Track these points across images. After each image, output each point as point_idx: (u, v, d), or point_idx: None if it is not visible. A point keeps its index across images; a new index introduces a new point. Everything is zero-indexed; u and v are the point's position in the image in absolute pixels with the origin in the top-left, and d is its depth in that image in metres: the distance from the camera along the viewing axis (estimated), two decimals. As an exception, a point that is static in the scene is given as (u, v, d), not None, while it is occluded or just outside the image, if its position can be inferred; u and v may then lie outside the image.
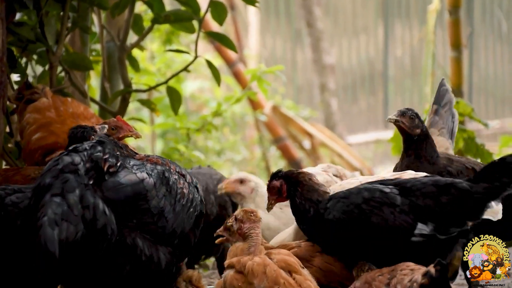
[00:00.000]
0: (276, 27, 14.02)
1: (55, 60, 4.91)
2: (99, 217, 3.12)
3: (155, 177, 3.34)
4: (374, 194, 3.47)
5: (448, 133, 4.22)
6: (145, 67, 8.00)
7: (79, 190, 3.11)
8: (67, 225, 3.02)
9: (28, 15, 5.17)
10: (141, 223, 3.26)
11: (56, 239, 2.98)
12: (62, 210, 3.04)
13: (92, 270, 3.22)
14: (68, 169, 3.14)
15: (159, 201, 3.31)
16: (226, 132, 11.73)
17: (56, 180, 3.10)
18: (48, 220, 3.00)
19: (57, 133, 4.36)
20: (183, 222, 3.39)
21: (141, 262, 3.26)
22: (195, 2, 5.15)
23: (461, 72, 7.39)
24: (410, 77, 13.78)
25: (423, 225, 3.38)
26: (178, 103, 5.41)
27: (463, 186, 3.40)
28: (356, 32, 14.03)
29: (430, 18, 8.12)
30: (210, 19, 5.51)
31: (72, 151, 3.22)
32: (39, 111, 4.45)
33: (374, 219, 3.43)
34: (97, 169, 3.22)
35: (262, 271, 3.27)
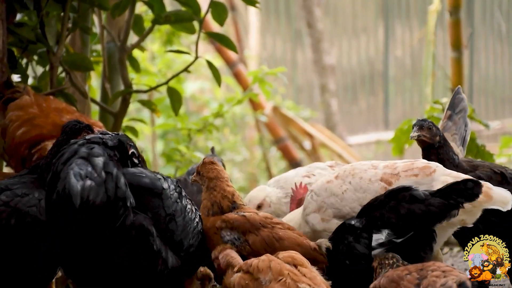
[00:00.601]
0: (276, 27, 14.02)
1: (55, 61, 4.91)
2: (120, 185, 3.14)
3: (169, 182, 3.41)
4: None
5: (460, 140, 4.26)
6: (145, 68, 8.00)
7: (104, 158, 3.14)
8: (91, 183, 3.03)
9: (28, 15, 5.17)
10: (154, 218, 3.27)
11: (79, 190, 2.99)
12: (86, 169, 3.05)
13: (104, 249, 3.19)
14: (96, 140, 3.21)
15: (171, 203, 3.35)
16: (227, 132, 11.73)
17: (82, 147, 3.14)
18: (73, 172, 3.02)
19: (41, 125, 4.38)
20: (188, 236, 3.41)
21: (152, 252, 3.24)
22: (195, 3, 5.15)
23: (462, 73, 7.39)
24: (411, 78, 13.77)
25: (377, 234, 3.49)
26: (179, 104, 5.41)
27: (417, 193, 3.49)
28: (356, 33, 14.02)
29: (430, 19, 8.12)
30: (210, 19, 5.51)
31: (100, 133, 3.32)
32: (21, 108, 4.46)
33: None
34: (122, 151, 3.28)
35: (267, 266, 3.28)
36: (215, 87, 10.85)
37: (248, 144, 12.37)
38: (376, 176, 3.73)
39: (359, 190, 3.73)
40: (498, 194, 3.52)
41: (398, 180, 3.68)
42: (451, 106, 4.33)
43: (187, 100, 11.67)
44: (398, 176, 3.70)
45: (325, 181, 3.84)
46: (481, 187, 3.44)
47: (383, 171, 3.73)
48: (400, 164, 3.75)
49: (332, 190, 3.78)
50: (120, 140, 3.31)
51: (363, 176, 3.74)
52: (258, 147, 11.97)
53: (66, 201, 3.00)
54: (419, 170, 3.69)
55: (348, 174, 3.78)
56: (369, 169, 3.76)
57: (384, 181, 3.70)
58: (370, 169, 3.76)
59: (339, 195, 3.76)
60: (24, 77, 5.09)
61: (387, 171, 3.73)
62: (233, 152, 11.64)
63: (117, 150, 3.27)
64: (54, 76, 4.94)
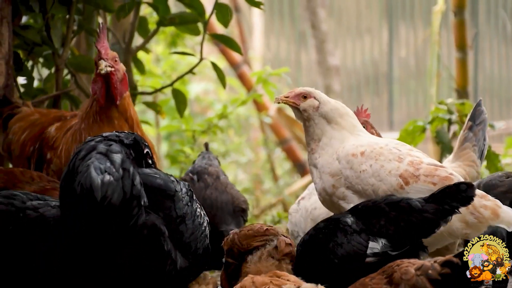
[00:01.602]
0: (280, 28, 14.03)
1: (61, 63, 4.92)
2: (136, 183, 3.14)
3: (182, 185, 3.42)
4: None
5: (478, 152, 4.25)
6: (150, 70, 8.02)
7: (122, 155, 3.16)
8: (110, 178, 3.04)
9: (34, 18, 5.19)
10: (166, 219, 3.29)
11: (100, 183, 3.01)
12: (106, 164, 3.07)
13: (115, 247, 3.20)
14: (113, 138, 3.23)
15: (183, 206, 3.36)
16: (231, 134, 11.73)
17: (100, 143, 3.16)
18: (93, 166, 3.03)
19: (43, 122, 4.40)
20: (197, 240, 3.42)
21: (162, 252, 3.25)
22: (200, 5, 5.16)
23: (467, 73, 7.38)
24: (415, 78, 13.76)
25: (373, 242, 3.47)
26: (184, 105, 5.42)
27: (414, 203, 3.46)
28: (360, 34, 14.02)
29: (435, 19, 8.12)
30: (215, 21, 5.52)
31: (115, 131, 3.33)
32: (22, 119, 4.49)
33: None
34: (137, 150, 3.30)
35: (250, 281, 3.34)
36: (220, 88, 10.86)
37: (252, 145, 12.37)
38: (398, 170, 3.69)
39: (376, 177, 3.70)
40: (506, 213, 3.52)
41: (416, 182, 3.65)
42: (472, 117, 4.31)
43: (191, 102, 11.68)
44: (417, 178, 3.67)
45: (351, 151, 3.78)
46: (475, 189, 3.41)
47: (405, 168, 3.69)
48: (424, 166, 3.70)
49: (352, 164, 3.74)
50: (135, 139, 3.33)
51: (385, 165, 3.71)
52: (263, 148, 11.97)
53: (87, 194, 3.00)
54: (439, 180, 3.65)
55: (373, 156, 3.73)
56: (393, 160, 3.71)
57: (403, 178, 3.67)
58: (394, 161, 3.71)
59: (356, 173, 3.73)
60: (29, 79, 5.10)
61: (409, 169, 3.69)
62: (237, 153, 11.64)
63: (133, 148, 3.29)
64: (60, 78, 4.95)
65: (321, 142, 3.87)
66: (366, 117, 4.25)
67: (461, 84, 7.32)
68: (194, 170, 4.85)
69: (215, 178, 4.79)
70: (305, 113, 3.91)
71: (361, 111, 4.29)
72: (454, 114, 6.11)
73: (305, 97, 3.93)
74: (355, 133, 3.88)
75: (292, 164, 10.59)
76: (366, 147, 3.77)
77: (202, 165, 4.88)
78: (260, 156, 12.21)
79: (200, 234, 3.44)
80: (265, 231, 3.62)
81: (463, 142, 4.25)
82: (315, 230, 3.66)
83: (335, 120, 3.88)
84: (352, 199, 3.75)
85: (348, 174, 3.75)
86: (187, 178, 4.77)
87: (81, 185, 3.01)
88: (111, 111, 4.14)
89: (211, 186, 4.72)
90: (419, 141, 5.99)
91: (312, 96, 3.93)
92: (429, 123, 6.03)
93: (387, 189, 3.67)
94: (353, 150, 3.77)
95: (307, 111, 3.90)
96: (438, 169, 3.70)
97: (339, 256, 3.52)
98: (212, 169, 4.85)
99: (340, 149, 3.80)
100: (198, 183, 4.74)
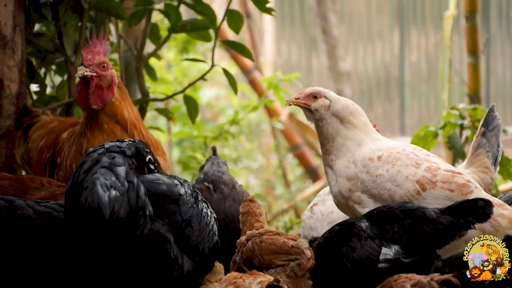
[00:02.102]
0: (291, 34, 14.03)
1: (73, 70, 4.93)
2: (141, 194, 3.16)
3: (186, 187, 3.42)
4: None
5: (492, 158, 4.21)
6: (162, 76, 8.03)
7: (125, 167, 3.17)
8: (116, 193, 3.05)
9: (46, 26, 5.22)
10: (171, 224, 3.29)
11: (107, 201, 3.01)
12: (111, 179, 3.07)
13: (121, 257, 3.21)
14: (115, 149, 3.23)
15: (188, 209, 3.36)
16: (243, 139, 11.74)
17: (103, 156, 3.16)
18: (100, 183, 3.03)
19: (59, 128, 4.42)
20: (204, 240, 3.42)
21: (169, 259, 3.26)
22: (211, 11, 5.17)
23: (479, 78, 7.35)
24: (427, 83, 13.73)
25: (386, 248, 3.47)
26: (195, 112, 5.43)
27: (429, 213, 3.47)
28: (371, 38, 14.01)
29: (446, 24, 8.10)
30: (226, 27, 5.53)
31: (117, 141, 3.33)
32: (41, 127, 4.51)
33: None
34: (139, 158, 3.31)
35: (225, 278, 3.49)
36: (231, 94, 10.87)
37: (264, 151, 12.37)
38: (415, 176, 3.68)
39: (393, 182, 3.69)
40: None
41: (433, 189, 3.63)
42: (485, 123, 4.27)
43: (203, 108, 11.69)
44: (434, 184, 3.66)
45: (368, 155, 3.77)
46: (492, 207, 3.40)
47: (422, 174, 3.68)
48: (442, 172, 3.69)
49: (369, 168, 3.74)
50: (137, 148, 3.33)
51: (402, 170, 3.69)
52: (274, 154, 11.96)
53: (95, 213, 3.00)
54: (457, 187, 3.64)
55: (390, 161, 3.72)
56: (410, 166, 3.70)
57: (420, 184, 3.66)
58: (412, 166, 3.70)
59: (373, 177, 3.72)
60: (42, 86, 5.13)
61: (426, 175, 3.67)
62: (249, 159, 11.64)
63: (135, 157, 3.30)
64: (72, 85, 4.97)
65: (336, 143, 3.85)
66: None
67: (473, 89, 7.30)
68: (209, 179, 4.81)
69: (231, 187, 4.76)
70: (317, 113, 3.88)
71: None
72: (466, 119, 6.09)
73: (316, 97, 3.90)
74: (369, 134, 3.87)
75: (304, 169, 10.58)
76: (383, 152, 3.76)
77: (215, 173, 4.85)
78: (271, 162, 12.20)
79: (207, 234, 3.44)
80: (290, 249, 3.59)
81: (476, 148, 4.22)
82: (330, 233, 3.68)
83: (347, 119, 3.85)
84: (367, 203, 3.74)
85: (364, 178, 3.74)
86: (203, 188, 4.74)
87: (88, 203, 3.01)
88: (99, 116, 4.22)
89: (228, 197, 4.70)
90: (431, 147, 5.97)
91: (322, 95, 3.90)
92: (441, 128, 6.01)
93: (404, 195, 3.66)
94: (370, 154, 3.76)
95: (319, 111, 3.88)
96: (456, 175, 3.69)
97: (352, 260, 3.53)
98: (227, 178, 4.82)
99: (357, 153, 3.79)
100: (215, 193, 4.72)
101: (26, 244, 3.28)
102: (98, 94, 4.18)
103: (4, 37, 4.46)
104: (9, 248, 3.27)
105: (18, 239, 3.28)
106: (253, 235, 3.71)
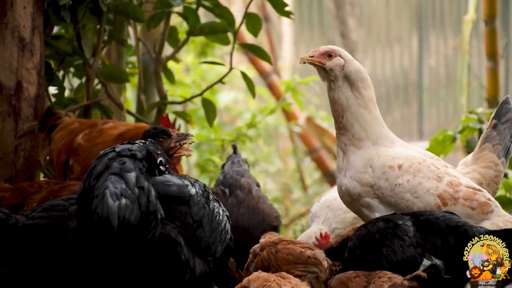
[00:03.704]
0: (309, 38, 14.03)
1: (91, 73, 4.95)
2: (152, 199, 3.15)
3: (197, 187, 3.40)
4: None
5: (503, 150, 4.13)
6: (180, 79, 8.05)
7: (136, 172, 3.15)
8: (126, 201, 3.05)
9: (65, 28, 5.24)
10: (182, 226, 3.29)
11: (116, 210, 3.01)
12: (121, 187, 3.07)
13: (134, 265, 3.21)
14: (125, 153, 3.20)
15: (199, 209, 3.35)
16: (260, 143, 11.74)
17: (113, 161, 3.15)
18: (109, 192, 3.03)
19: (78, 129, 4.45)
20: (216, 240, 3.42)
21: (180, 262, 3.26)
22: (230, 14, 5.17)
23: (497, 83, 7.31)
24: (445, 88, 13.68)
25: (428, 260, 3.39)
26: (213, 115, 5.43)
27: (473, 233, 3.42)
28: (390, 43, 13.98)
29: (465, 29, 8.06)
30: (244, 30, 5.53)
31: (128, 143, 3.30)
32: (63, 128, 4.52)
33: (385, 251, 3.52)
34: (150, 161, 3.29)
35: (256, 276, 3.39)
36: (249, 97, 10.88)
37: (281, 155, 12.37)
38: (436, 190, 3.64)
39: (413, 193, 3.65)
40: None
41: (454, 205, 3.60)
42: (497, 115, 4.18)
43: (220, 111, 11.71)
44: (456, 201, 3.63)
45: (388, 163, 3.70)
46: None
47: (444, 188, 3.64)
48: (463, 188, 3.66)
49: (388, 176, 3.67)
50: (148, 150, 3.33)
51: (423, 183, 3.65)
52: (292, 158, 11.96)
53: (104, 223, 3.01)
54: (478, 205, 3.62)
55: (412, 171, 3.67)
56: (432, 179, 3.66)
57: (441, 199, 3.63)
58: (433, 180, 3.66)
59: (391, 185, 3.66)
60: (61, 89, 5.15)
61: (448, 190, 3.64)
62: (266, 162, 11.64)
63: (146, 160, 3.30)
64: (90, 88, 4.99)
65: (345, 118, 3.75)
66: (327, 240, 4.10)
67: (492, 94, 7.26)
68: (226, 182, 4.77)
69: (247, 192, 4.72)
70: (332, 72, 3.76)
71: (322, 238, 4.09)
72: (484, 123, 6.05)
73: (331, 55, 3.77)
74: (375, 125, 3.75)
75: (322, 173, 10.56)
76: (404, 161, 3.69)
77: (233, 175, 4.82)
78: (289, 166, 12.20)
79: (219, 234, 3.43)
80: (307, 260, 3.57)
81: (484, 141, 4.15)
82: (374, 227, 3.59)
83: (357, 85, 3.74)
84: (378, 208, 3.69)
85: (381, 185, 3.67)
86: (219, 192, 4.73)
87: (97, 213, 3.01)
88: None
89: (243, 203, 4.67)
90: (449, 151, 5.94)
91: (337, 54, 3.77)
92: (459, 133, 5.98)
93: (423, 207, 3.62)
94: (390, 162, 3.69)
95: (334, 70, 3.75)
96: (477, 193, 3.66)
97: (391, 262, 3.49)
98: (244, 181, 4.78)
99: (375, 158, 3.71)
100: (230, 198, 4.70)
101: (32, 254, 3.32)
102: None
103: (23, 39, 4.48)
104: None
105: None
106: (267, 244, 3.68)
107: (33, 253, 3.30)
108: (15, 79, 4.49)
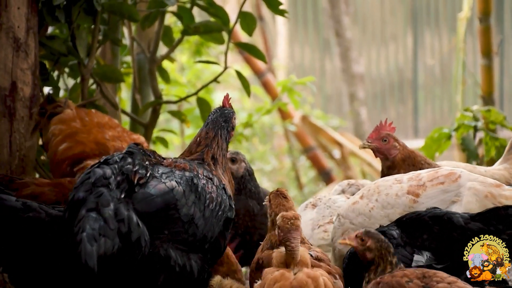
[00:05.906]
0: (304, 36, 14.03)
1: (86, 73, 4.95)
2: (133, 229, 3.14)
3: (184, 184, 3.36)
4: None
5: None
6: (175, 79, 8.04)
7: (113, 204, 3.13)
8: (105, 240, 3.04)
9: (59, 28, 5.23)
10: (172, 233, 3.28)
11: (95, 254, 3.00)
12: (99, 225, 3.05)
13: (127, 282, 3.25)
14: (101, 183, 3.16)
15: (189, 208, 3.33)
16: (256, 142, 11.74)
17: (90, 194, 3.12)
18: (87, 236, 3.01)
19: (84, 143, 4.39)
20: (212, 226, 3.42)
21: (175, 273, 3.28)
22: (224, 13, 5.17)
23: (492, 80, 7.32)
24: (440, 85, 13.70)
25: (418, 255, 3.44)
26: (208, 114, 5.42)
27: (457, 219, 3.44)
28: (385, 41, 13.99)
29: (460, 26, 8.08)
30: (239, 30, 5.53)
31: (103, 163, 3.24)
32: (64, 122, 4.49)
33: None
34: (128, 181, 3.25)
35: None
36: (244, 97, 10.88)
37: (277, 154, 12.37)
38: (402, 190, 3.71)
39: (387, 206, 3.71)
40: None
41: (425, 191, 3.66)
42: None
43: (216, 110, 11.69)
44: (424, 186, 3.68)
45: (350, 203, 3.82)
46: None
47: (408, 184, 3.71)
48: (424, 174, 3.73)
49: (359, 210, 3.76)
50: (123, 173, 3.25)
51: (389, 192, 3.73)
52: (287, 156, 11.97)
53: (84, 264, 3.00)
54: (445, 178, 3.68)
55: (373, 192, 3.77)
56: (393, 184, 3.75)
57: (411, 193, 3.68)
58: (395, 184, 3.75)
59: (367, 214, 3.74)
60: (55, 89, 5.14)
61: (412, 183, 3.71)
62: (262, 161, 11.64)
63: (124, 181, 3.24)
64: (85, 88, 4.98)
65: None
66: (391, 130, 4.25)
67: (487, 91, 7.27)
68: None
69: None
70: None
71: (385, 124, 4.28)
72: (479, 121, 6.07)
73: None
74: None
75: (317, 172, 10.57)
76: (362, 192, 3.83)
77: None
78: (284, 164, 12.21)
79: (215, 216, 3.43)
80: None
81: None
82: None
83: None
84: None
85: (360, 220, 3.76)
86: None
87: (77, 254, 3.00)
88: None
89: None
90: (445, 149, 5.96)
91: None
92: (454, 130, 6.00)
93: (403, 211, 3.67)
94: (352, 200, 3.83)
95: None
96: (438, 170, 3.74)
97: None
98: None
99: (340, 209, 3.88)
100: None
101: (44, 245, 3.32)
102: None
103: (17, 40, 4.47)
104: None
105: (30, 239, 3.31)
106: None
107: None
108: (10, 80, 4.48)
